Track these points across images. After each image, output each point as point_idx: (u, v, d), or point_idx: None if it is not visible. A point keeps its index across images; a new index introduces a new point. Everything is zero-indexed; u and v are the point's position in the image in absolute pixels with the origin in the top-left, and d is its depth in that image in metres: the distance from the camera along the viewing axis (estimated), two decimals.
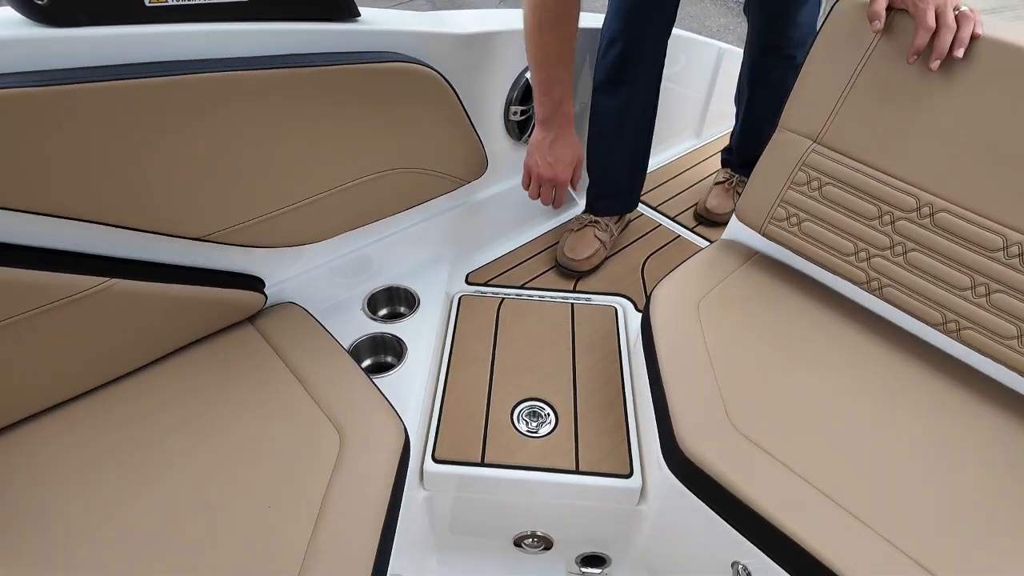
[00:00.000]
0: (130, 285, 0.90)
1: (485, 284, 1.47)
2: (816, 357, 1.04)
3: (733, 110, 1.70)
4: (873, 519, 0.81)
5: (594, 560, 1.25)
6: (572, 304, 1.40)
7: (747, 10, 1.47)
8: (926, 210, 0.97)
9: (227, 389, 0.98)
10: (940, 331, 1.01)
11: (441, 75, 1.08)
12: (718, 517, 0.91)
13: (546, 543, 1.21)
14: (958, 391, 0.99)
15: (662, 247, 1.61)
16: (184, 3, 0.80)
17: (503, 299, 1.40)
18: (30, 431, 0.90)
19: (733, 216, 1.26)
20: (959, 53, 0.88)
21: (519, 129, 1.43)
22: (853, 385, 1.00)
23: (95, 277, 0.86)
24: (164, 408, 0.94)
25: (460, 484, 1.10)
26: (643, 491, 1.08)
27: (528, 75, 1.34)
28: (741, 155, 1.70)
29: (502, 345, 1.29)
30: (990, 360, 0.97)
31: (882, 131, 1.00)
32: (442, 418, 1.15)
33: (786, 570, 0.84)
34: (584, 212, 1.59)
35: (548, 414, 1.16)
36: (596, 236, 1.52)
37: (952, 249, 0.96)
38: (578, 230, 1.54)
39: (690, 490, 0.93)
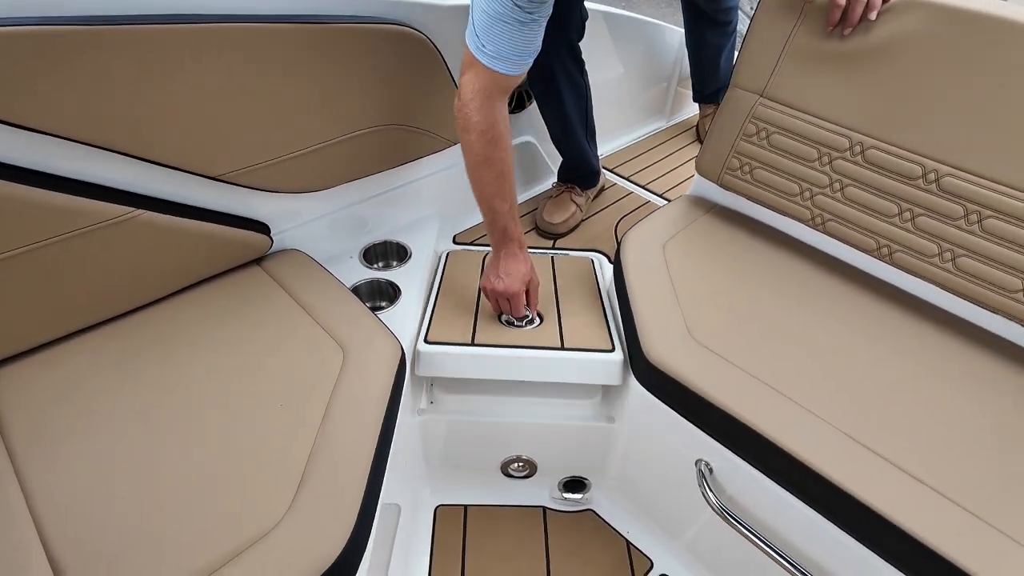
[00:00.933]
0: (153, 217, 1.01)
1: (471, 244, 1.59)
2: (767, 284, 1.17)
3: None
4: (823, 410, 0.93)
5: (575, 485, 1.36)
6: (552, 256, 1.52)
7: None
8: (857, 148, 1.11)
9: (240, 314, 1.08)
10: (875, 256, 1.15)
11: (431, 40, 1.20)
12: (682, 419, 1.03)
13: (531, 468, 1.31)
14: (888, 308, 1.13)
15: (634, 210, 1.74)
16: None
17: (487, 254, 1.52)
18: (65, 350, 1.00)
19: (695, 175, 1.40)
20: (872, 16, 1.03)
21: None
22: (799, 305, 1.13)
23: (122, 206, 0.97)
24: (184, 328, 1.05)
25: (450, 365, 1.18)
26: (619, 406, 1.20)
27: None
28: (700, 85, 2.06)
29: None
30: (918, 280, 1.12)
31: (816, 83, 1.14)
32: (432, 319, 1.24)
33: (746, 460, 0.96)
34: (558, 182, 1.72)
35: (534, 320, 1.25)
36: (572, 200, 1.65)
37: (881, 181, 1.10)
38: (556, 196, 1.67)
39: (656, 396, 1.05)
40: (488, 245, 1.60)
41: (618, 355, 1.16)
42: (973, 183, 1.01)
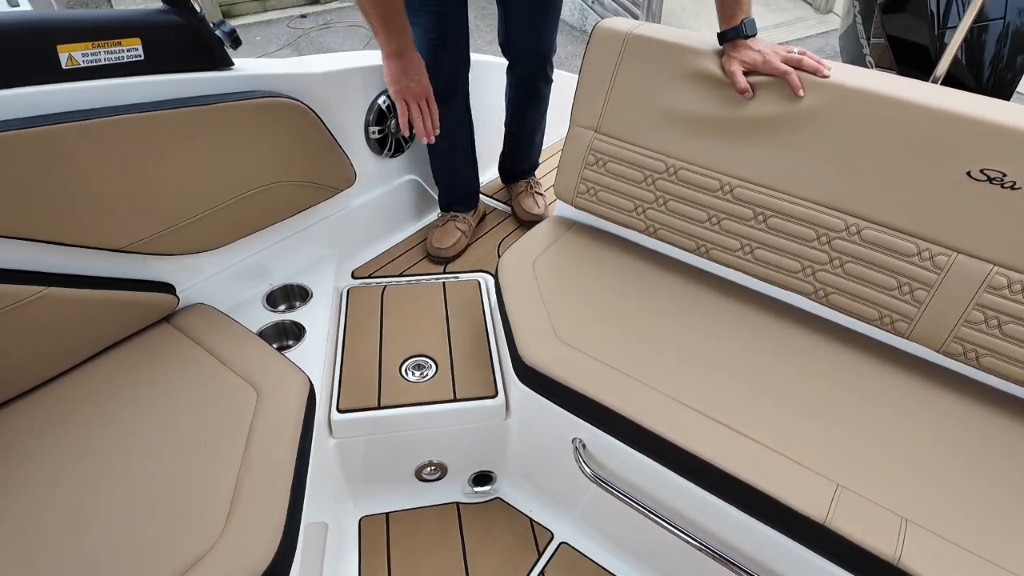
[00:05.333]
0: (62, 292, 1.10)
1: (369, 277, 1.75)
2: (617, 286, 1.41)
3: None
4: (677, 392, 1.16)
5: (483, 479, 1.54)
6: (444, 282, 1.70)
7: (507, 50, 1.77)
8: (672, 169, 1.37)
9: (155, 371, 1.19)
10: (696, 255, 1.42)
11: (307, 106, 1.36)
12: (555, 406, 1.24)
13: (442, 470, 1.49)
14: (712, 295, 1.40)
15: (512, 231, 1.96)
16: (92, 64, 1.04)
17: (386, 286, 1.68)
18: None
19: (556, 200, 1.64)
20: (800, 93, 1.22)
21: (379, 145, 1.74)
22: (644, 301, 1.37)
23: (30, 287, 1.06)
24: (101, 390, 1.15)
25: (363, 427, 1.36)
26: (507, 407, 1.40)
27: (380, 100, 1.65)
28: (518, 164, 2.05)
29: (388, 320, 1.57)
30: (729, 269, 1.39)
31: (636, 118, 1.40)
32: (342, 378, 1.41)
33: (608, 434, 1.19)
34: (443, 212, 1.92)
35: (429, 364, 1.45)
36: (457, 227, 1.85)
37: (691, 194, 1.37)
38: (442, 225, 1.86)
39: (533, 390, 1.26)
40: (384, 277, 1.77)
41: (500, 399, 1.38)
42: (757, 191, 1.29)
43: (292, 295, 1.58)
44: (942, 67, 1.77)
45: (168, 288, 1.31)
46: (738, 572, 1.10)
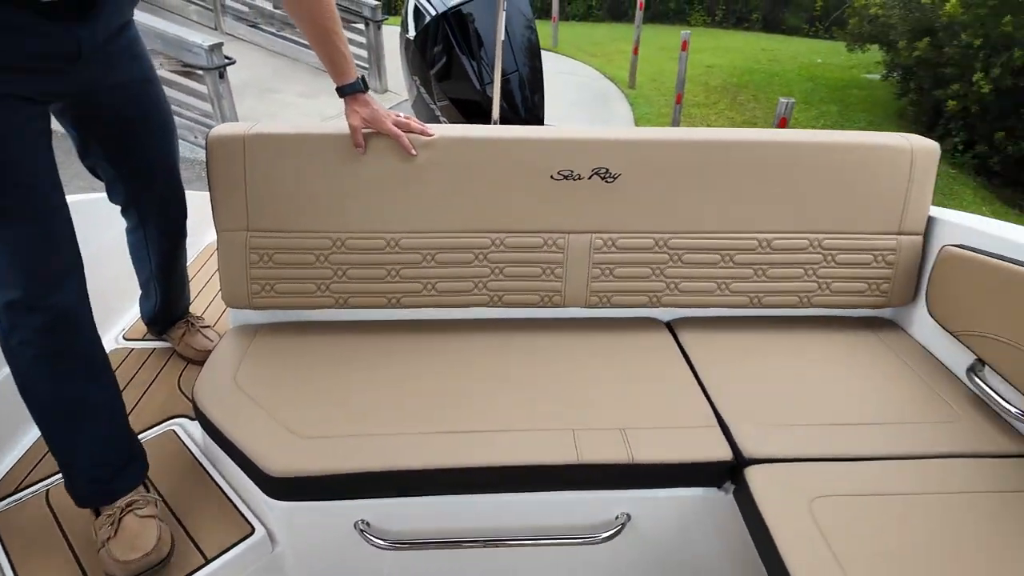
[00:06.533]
0: None
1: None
2: (332, 365, 1.42)
3: None
4: (423, 426, 1.24)
5: None
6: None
7: (129, 212, 1.54)
8: (339, 242, 1.47)
9: None
10: (389, 307, 1.53)
11: None
12: (325, 503, 1.20)
13: None
14: (416, 337, 1.53)
15: (187, 366, 1.76)
16: None
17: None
18: None
19: (228, 308, 1.55)
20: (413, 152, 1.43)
21: None
22: (364, 366, 1.42)
23: None
24: None
25: None
26: (271, 536, 1.27)
27: None
28: (174, 312, 1.79)
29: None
30: (415, 310, 1.55)
31: (285, 207, 1.45)
32: None
33: (385, 496, 1.21)
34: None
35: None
36: (140, 516, 1.19)
37: (363, 258, 1.48)
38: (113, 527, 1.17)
39: (299, 500, 1.19)
40: None
41: (260, 532, 1.26)
42: (417, 237, 1.48)
43: None
44: (495, 112, 2.30)
45: None
46: (549, 544, 1.24)
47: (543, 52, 2.79)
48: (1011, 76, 5.75)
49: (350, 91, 1.39)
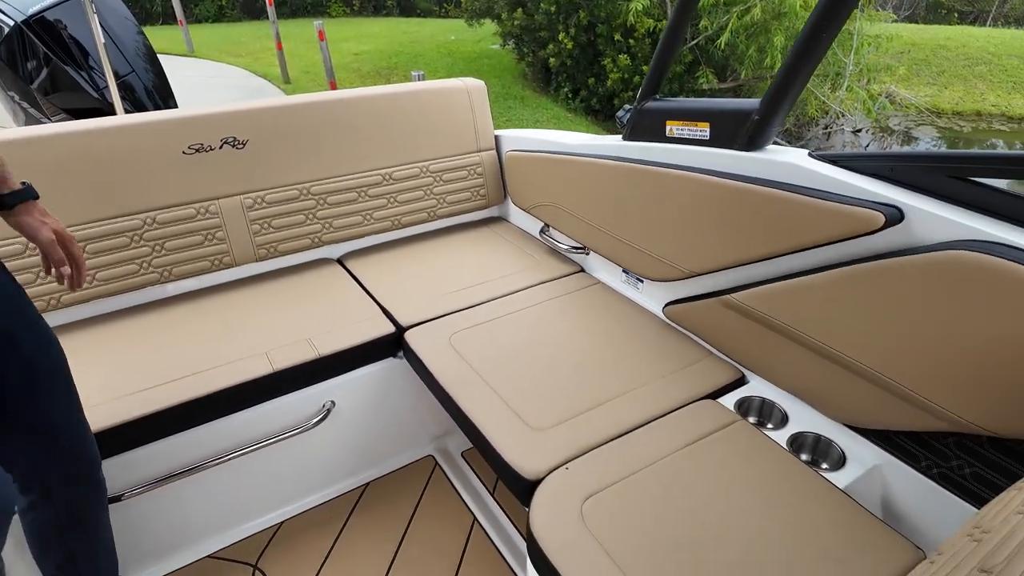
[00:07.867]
0: None
1: None
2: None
3: None
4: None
5: None
6: None
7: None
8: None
9: None
10: (48, 310, 1.54)
11: None
12: None
13: None
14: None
15: None
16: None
17: None
18: None
19: None
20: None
21: None
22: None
23: None
24: None
25: None
26: None
27: None
28: None
29: None
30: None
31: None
32: None
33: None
34: None
35: None
36: None
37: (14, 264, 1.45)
38: None
39: None
40: None
41: None
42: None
43: None
44: (120, 111, 2.29)
45: None
46: (273, 443, 1.48)
47: (179, 58, 2.82)
48: (584, 33, 7.36)
49: (21, 199, 1.02)
